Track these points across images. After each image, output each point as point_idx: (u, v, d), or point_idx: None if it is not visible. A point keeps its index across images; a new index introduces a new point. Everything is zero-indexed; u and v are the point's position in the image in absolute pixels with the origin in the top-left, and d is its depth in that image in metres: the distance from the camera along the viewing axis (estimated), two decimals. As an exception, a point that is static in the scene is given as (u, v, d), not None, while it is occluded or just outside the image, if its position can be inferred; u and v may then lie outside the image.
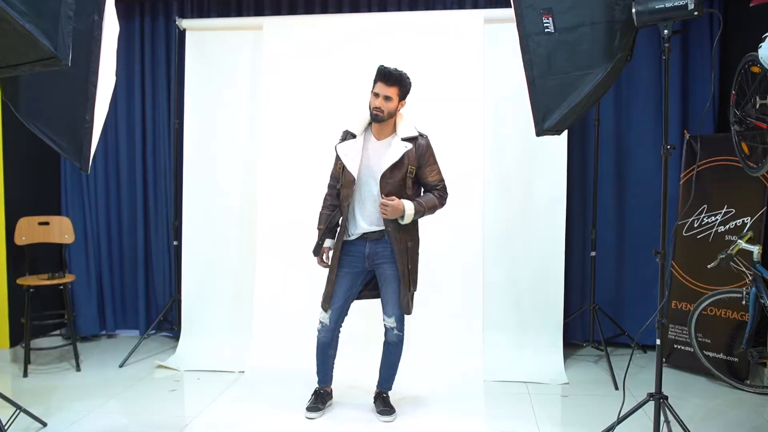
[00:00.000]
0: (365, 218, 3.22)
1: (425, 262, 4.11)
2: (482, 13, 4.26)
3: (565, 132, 3.86)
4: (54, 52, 1.74)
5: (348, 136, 3.30)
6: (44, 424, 3.25)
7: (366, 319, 3.76)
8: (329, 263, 3.31)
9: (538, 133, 2.75)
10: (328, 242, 3.33)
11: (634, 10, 2.57)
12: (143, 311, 4.93)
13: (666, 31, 2.60)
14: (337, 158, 3.30)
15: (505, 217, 4.27)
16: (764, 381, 3.76)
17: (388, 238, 3.18)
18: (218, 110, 4.53)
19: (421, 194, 3.30)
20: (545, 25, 2.61)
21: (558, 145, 4.14)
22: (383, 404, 3.39)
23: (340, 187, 3.28)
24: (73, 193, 4.89)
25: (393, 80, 3.12)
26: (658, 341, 2.73)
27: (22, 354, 4.17)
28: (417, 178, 3.25)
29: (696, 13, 2.53)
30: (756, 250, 3.43)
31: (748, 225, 3.85)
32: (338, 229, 3.31)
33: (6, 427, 2.92)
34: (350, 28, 4.36)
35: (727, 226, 3.96)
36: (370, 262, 3.25)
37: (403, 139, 3.20)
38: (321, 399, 3.43)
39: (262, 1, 4.70)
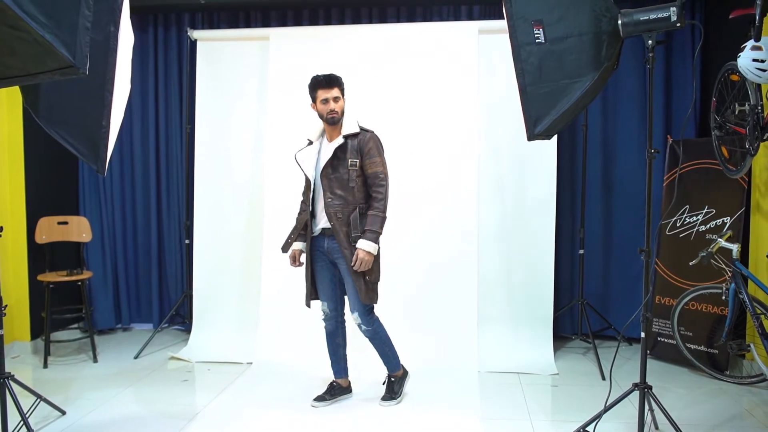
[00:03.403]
0: (319, 215, 3.24)
1: (424, 259, 4.14)
2: (476, 25, 4.26)
3: (555, 136, 3.86)
4: (72, 62, 1.73)
5: (308, 143, 3.34)
6: (63, 413, 3.25)
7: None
8: (302, 263, 3.32)
9: (530, 138, 2.75)
10: (298, 244, 3.32)
11: (620, 22, 2.57)
12: (156, 306, 4.93)
13: (650, 42, 2.60)
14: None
15: (499, 217, 4.27)
16: (743, 372, 3.76)
17: (333, 234, 3.16)
18: (228, 116, 4.53)
19: (366, 213, 3.18)
20: (536, 35, 2.61)
21: (548, 148, 4.15)
22: (386, 390, 3.41)
23: (305, 190, 3.33)
24: (90, 195, 4.89)
25: (333, 82, 3.19)
26: (642, 334, 2.73)
27: (42, 346, 4.18)
28: (362, 171, 3.20)
29: (678, 24, 2.53)
30: (735, 248, 3.43)
31: (727, 224, 3.85)
32: (307, 229, 3.29)
33: (27, 416, 2.92)
34: (352, 38, 4.36)
35: (708, 226, 3.96)
36: (330, 256, 3.26)
37: (345, 137, 3.20)
38: (330, 391, 3.42)
39: (269, 13, 4.71)
